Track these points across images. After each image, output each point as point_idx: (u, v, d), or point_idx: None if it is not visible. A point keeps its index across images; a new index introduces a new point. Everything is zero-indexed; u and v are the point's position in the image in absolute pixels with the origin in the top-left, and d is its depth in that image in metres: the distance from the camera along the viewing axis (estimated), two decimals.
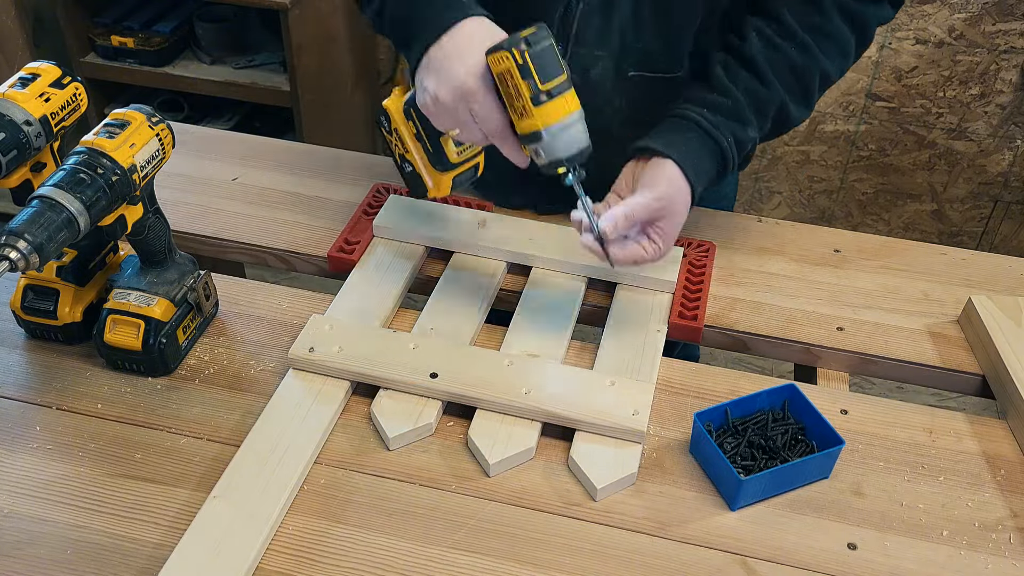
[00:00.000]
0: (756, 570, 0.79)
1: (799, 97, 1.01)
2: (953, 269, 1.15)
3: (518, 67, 0.80)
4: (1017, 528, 0.84)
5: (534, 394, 0.89)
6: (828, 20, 0.99)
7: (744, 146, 0.99)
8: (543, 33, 0.81)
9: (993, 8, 2.11)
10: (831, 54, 1.00)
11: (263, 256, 1.14)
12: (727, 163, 0.98)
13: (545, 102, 0.81)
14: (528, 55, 0.80)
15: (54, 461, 0.85)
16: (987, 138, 2.30)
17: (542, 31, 0.81)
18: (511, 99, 0.83)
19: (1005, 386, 0.95)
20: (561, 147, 0.84)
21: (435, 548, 0.79)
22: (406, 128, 0.93)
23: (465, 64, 0.83)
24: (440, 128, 0.89)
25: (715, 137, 0.96)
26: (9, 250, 0.76)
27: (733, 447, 0.87)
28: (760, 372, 0.98)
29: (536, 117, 0.82)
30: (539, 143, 0.84)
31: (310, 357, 0.92)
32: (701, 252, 1.12)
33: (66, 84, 0.91)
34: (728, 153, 0.97)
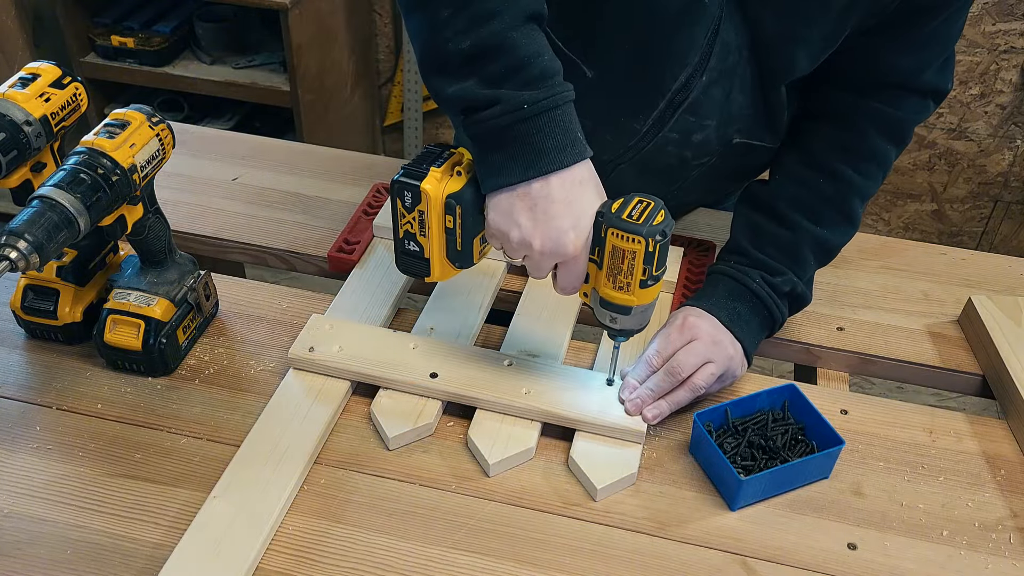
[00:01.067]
0: (756, 570, 0.79)
1: (837, 225, 0.98)
2: (953, 269, 1.15)
3: (646, 255, 0.77)
4: (1017, 528, 0.84)
5: (534, 394, 0.89)
6: (864, 140, 0.97)
7: (779, 288, 0.95)
8: (671, 221, 0.78)
9: (993, 8, 2.11)
10: (869, 173, 0.97)
11: (263, 256, 1.14)
12: (766, 305, 0.95)
13: (650, 286, 0.80)
14: (660, 246, 0.77)
15: (54, 461, 0.85)
16: (987, 138, 2.30)
17: (668, 217, 0.78)
18: (615, 272, 0.80)
19: (1005, 386, 0.95)
20: (638, 323, 0.84)
21: (435, 548, 0.79)
22: (438, 218, 0.83)
23: (574, 223, 0.78)
24: (494, 246, 0.84)
25: (743, 281, 0.95)
26: (9, 250, 0.75)
27: (733, 447, 0.87)
28: (760, 372, 0.97)
29: (635, 296, 0.80)
30: (623, 315, 0.82)
31: (310, 357, 0.92)
32: (701, 252, 1.12)
33: (66, 84, 0.91)
34: (763, 294, 0.95)
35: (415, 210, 0.83)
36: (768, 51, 0.92)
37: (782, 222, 0.97)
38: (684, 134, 0.99)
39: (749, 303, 0.95)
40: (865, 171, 0.97)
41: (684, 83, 0.93)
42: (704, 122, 0.98)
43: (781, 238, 0.97)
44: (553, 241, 0.78)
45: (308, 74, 2.26)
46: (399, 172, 0.82)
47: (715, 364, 0.89)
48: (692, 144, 1.00)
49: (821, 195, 0.97)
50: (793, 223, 0.97)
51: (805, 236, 0.97)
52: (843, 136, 0.97)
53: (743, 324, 0.94)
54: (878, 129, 0.96)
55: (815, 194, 0.97)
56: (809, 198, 0.97)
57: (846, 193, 0.97)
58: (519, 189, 0.78)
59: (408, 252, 0.86)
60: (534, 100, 0.76)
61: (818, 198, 0.97)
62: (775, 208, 0.98)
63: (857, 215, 0.99)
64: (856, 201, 0.98)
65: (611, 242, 0.78)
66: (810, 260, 0.98)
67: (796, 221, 0.96)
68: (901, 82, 0.95)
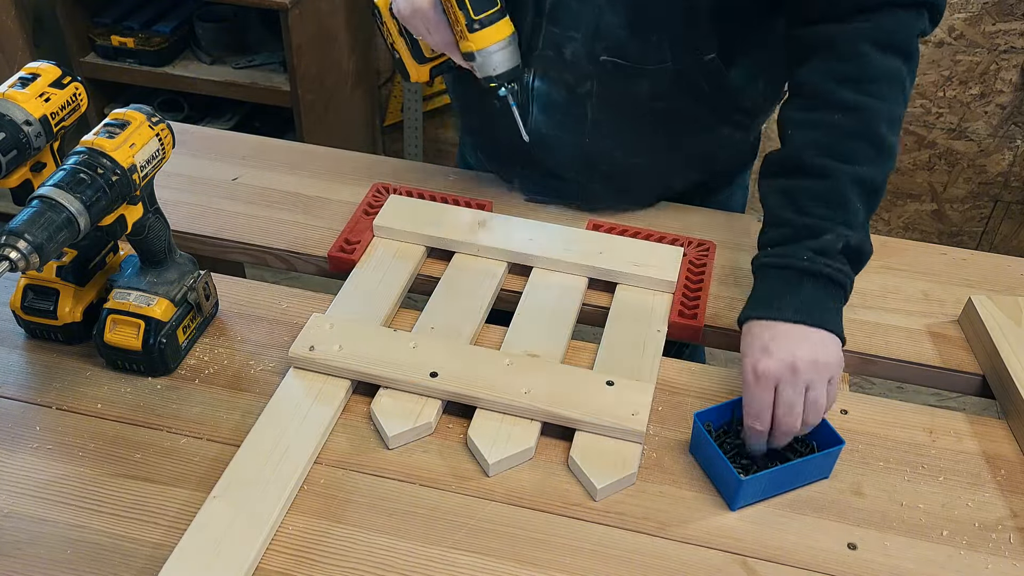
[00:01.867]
0: (756, 570, 0.79)
1: (872, 157, 0.91)
2: (953, 269, 1.15)
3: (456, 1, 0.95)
4: (1017, 528, 0.84)
5: (534, 394, 0.89)
6: (867, 62, 0.91)
7: (831, 250, 0.88)
8: None
9: (993, 8, 2.11)
10: (886, 95, 0.91)
11: (263, 256, 1.14)
12: (828, 277, 0.88)
13: (478, 30, 0.97)
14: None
15: (54, 461, 0.85)
16: (987, 138, 2.30)
17: None
18: (452, 23, 0.98)
19: (1005, 386, 0.95)
20: (491, 67, 1.00)
21: (435, 548, 0.79)
22: (392, 24, 1.07)
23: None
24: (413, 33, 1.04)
25: (791, 266, 0.88)
26: (9, 250, 0.76)
27: (733, 447, 0.87)
28: None
29: (470, 41, 0.98)
30: (475, 62, 1.00)
31: (310, 356, 0.92)
32: (701, 251, 1.12)
33: (66, 84, 0.91)
34: (818, 268, 0.87)
35: (382, 22, 1.08)
36: None
37: (812, 172, 0.90)
38: (555, 49, 1.04)
39: (810, 284, 0.87)
40: (879, 93, 0.91)
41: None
42: (568, 33, 1.02)
43: (817, 190, 0.90)
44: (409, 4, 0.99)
45: (308, 74, 2.26)
46: None
47: (814, 386, 0.84)
48: (565, 62, 1.04)
49: (842, 131, 0.91)
50: (824, 169, 0.90)
51: (842, 178, 0.89)
52: (840, 67, 0.92)
53: (812, 308, 0.86)
54: (876, 46, 0.91)
55: (835, 132, 0.91)
56: (830, 139, 0.91)
57: (868, 121, 0.91)
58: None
59: (396, 61, 1.11)
60: None
61: (840, 135, 0.91)
62: (801, 161, 0.91)
63: (888, 141, 0.91)
64: (882, 126, 0.91)
65: None
66: (855, 203, 0.89)
67: (825, 165, 0.90)
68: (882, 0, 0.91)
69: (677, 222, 1.19)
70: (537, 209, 1.19)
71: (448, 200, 1.17)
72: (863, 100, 0.91)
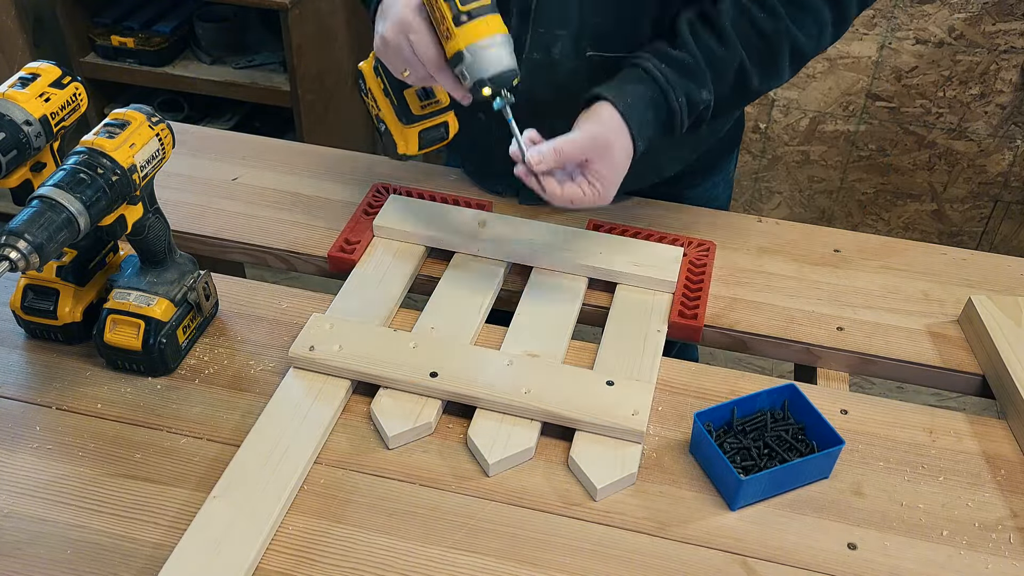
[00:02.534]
0: (756, 570, 0.79)
1: (764, 62, 0.99)
2: (953, 269, 1.15)
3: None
4: (1017, 528, 0.84)
5: (534, 394, 0.89)
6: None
7: (696, 107, 0.98)
8: None
9: (993, 8, 2.11)
10: (803, 24, 0.98)
11: (263, 256, 1.14)
12: (673, 120, 0.98)
13: (466, 22, 0.84)
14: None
15: (54, 461, 0.85)
16: (987, 138, 2.30)
17: None
18: (438, 24, 0.86)
19: (1005, 386, 0.95)
20: (482, 67, 0.86)
21: (435, 548, 0.79)
22: (376, 85, 0.98)
23: (405, 3, 0.88)
24: (394, 72, 0.93)
25: (665, 91, 0.96)
26: (9, 250, 0.76)
27: (733, 447, 0.87)
28: (760, 372, 0.97)
29: (458, 37, 0.85)
30: (462, 64, 0.86)
31: (310, 356, 0.92)
32: (701, 252, 1.12)
33: (66, 84, 0.91)
34: (676, 111, 0.97)
35: (367, 90, 0.99)
36: None
37: (722, 39, 0.97)
38: (544, 50, 1.03)
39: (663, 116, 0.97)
40: (802, 23, 0.98)
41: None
42: (556, 31, 1.01)
43: (717, 54, 0.97)
44: (392, 19, 0.89)
45: (308, 74, 2.26)
46: None
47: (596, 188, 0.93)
48: (555, 62, 1.03)
49: (759, 30, 0.97)
50: (731, 44, 0.97)
51: (735, 61, 0.98)
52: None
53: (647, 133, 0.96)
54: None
55: (754, 26, 0.97)
56: (748, 27, 0.97)
57: (782, 37, 0.98)
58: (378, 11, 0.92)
59: (382, 134, 1.01)
60: None
61: (757, 32, 0.97)
62: (720, 24, 0.97)
63: (784, 67, 1.00)
64: (787, 49, 0.98)
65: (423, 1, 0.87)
66: (728, 88, 0.99)
67: (734, 44, 0.97)
68: None
69: (677, 222, 1.19)
70: (537, 209, 1.19)
71: (448, 200, 1.17)
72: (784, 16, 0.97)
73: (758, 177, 2.50)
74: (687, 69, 0.97)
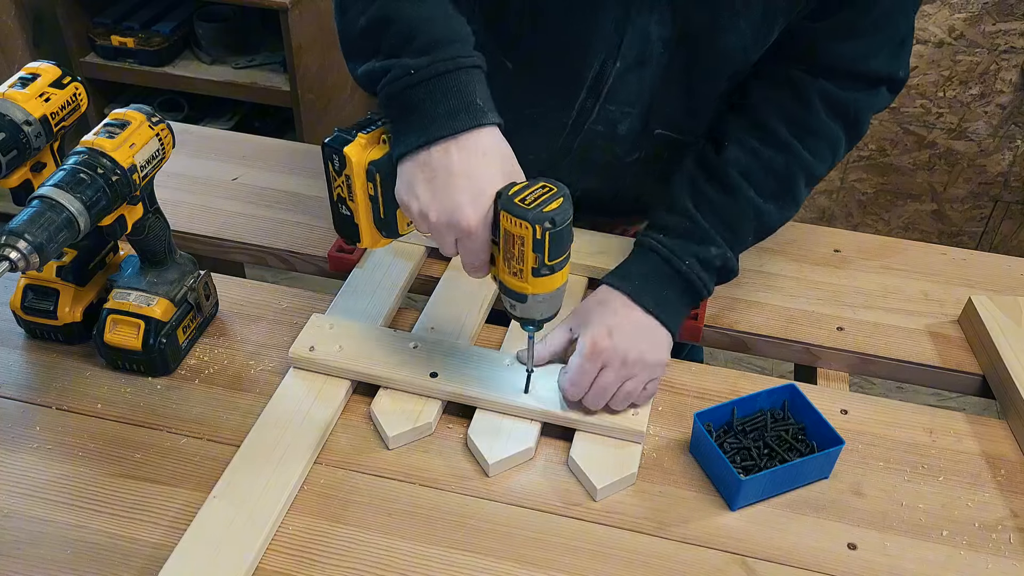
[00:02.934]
0: (756, 570, 0.79)
1: (781, 199, 0.95)
2: (953, 269, 1.15)
3: (534, 242, 0.74)
4: (1017, 528, 0.84)
5: (534, 394, 0.89)
6: (814, 116, 0.94)
7: (711, 265, 0.93)
8: (569, 211, 0.75)
9: (993, 8, 2.11)
10: (817, 152, 0.95)
11: (263, 256, 1.14)
12: (693, 285, 0.92)
13: (545, 275, 0.77)
14: (549, 235, 0.74)
15: (54, 461, 0.85)
16: (987, 138, 2.30)
17: (566, 205, 0.75)
18: (510, 256, 0.77)
19: (1005, 386, 0.95)
20: (539, 312, 0.81)
21: (435, 548, 0.79)
22: (361, 184, 0.83)
23: (472, 198, 0.75)
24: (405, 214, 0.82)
25: (672, 262, 0.92)
26: (9, 250, 0.75)
27: (733, 447, 0.87)
28: (760, 372, 0.97)
29: (529, 284, 0.78)
30: (521, 303, 0.80)
31: (310, 356, 0.92)
32: None
33: (66, 84, 0.91)
34: (691, 276, 0.91)
35: (343, 174, 0.83)
36: (696, 41, 0.92)
37: (727, 190, 0.94)
38: (609, 125, 0.99)
39: (678, 287, 0.92)
40: (814, 150, 0.95)
41: (599, 71, 0.94)
42: (625, 110, 0.98)
43: (723, 206, 0.93)
44: (448, 214, 0.76)
45: (308, 74, 2.26)
46: (331, 135, 0.82)
47: (633, 380, 0.87)
48: (619, 137, 1.01)
49: (770, 167, 0.94)
50: (739, 192, 0.93)
51: (748, 208, 0.94)
52: (795, 110, 0.95)
53: (670, 308, 0.91)
54: (829, 108, 0.94)
55: (764, 165, 0.94)
56: (758, 169, 0.94)
57: (795, 169, 0.95)
58: (420, 157, 0.77)
59: (342, 216, 0.86)
60: (420, 66, 0.76)
61: (767, 170, 0.94)
62: (725, 175, 0.94)
63: (801, 195, 0.97)
64: (802, 179, 0.96)
65: (503, 225, 0.76)
66: (748, 232, 0.95)
67: (743, 191, 0.93)
68: (847, 69, 0.94)
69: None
70: None
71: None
72: (796, 147, 0.94)
73: None
74: (691, 233, 0.93)
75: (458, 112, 0.76)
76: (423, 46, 0.78)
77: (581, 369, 0.87)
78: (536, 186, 0.76)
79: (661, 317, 0.90)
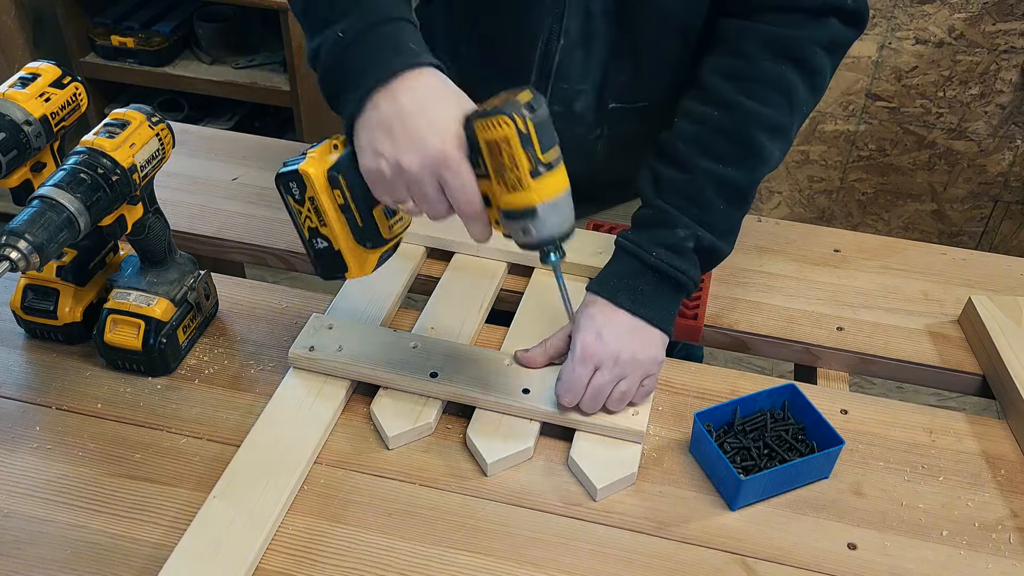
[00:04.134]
0: (756, 570, 0.79)
1: (742, 160, 0.90)
2: (953, 269, 1.15)
3: (520, 136, 0.70)
4: (1017, 528, 0.84)
5: (534, 394, 0.89)
6: (754, 64, 0.90)
7: (681, 248, 0.89)
8: (541, 98, 0.72)
9: (993, 8, 2.11)
10: (768, 100, 0.90)
11: (263, 256, 1.14)
12: (667, 275, 0.89)
13: (543, 174, 0.72)
14: (531, 123, 0.70)
15: (54, 461, 0.85)
16: (987, 138, 2.30)
17: (539, 96, 0.72)
18: (501, 171, 0.72)
19: (1005, 386, 0.95)
20: (555, 224, 0.74)
21: (435, 548, 0.79)
22: (328, 198, 0.78)
23: (436, 127, 0.72)
24: (384, 200, 0.78)
25: (640, 256, 0.89)
26: (10, 250, 0.76)
27: (733, 447, 0.87)
28: (760, 372, 0.97)
29: (533, 191, 0.72)
30: (532, 220, 0.73)
31: (310, 356, 0.92)
32: None
33: (66, 84, 0.91)
34: (662, 266, 0.89)
35: (306, 200, 0.79)
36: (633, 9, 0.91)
37: (681, 165, 0.90)
38: (564, 104, 0.99)
39: (652, 280, 0.89)
40: (762, 97, 0.90)
41: (544, 50, 0.94)
42: (578, 87, 0.98)
43: (680, 183, 0.90)
44: (419, 154, 0.72)
45: (308, 74, 2.26)
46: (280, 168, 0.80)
47: (627, 379, 0.87)
48: (576, 115, 1.00)
49: (717, 129, 0.90)
50: (691, 164, 0.90)
51: (706, 177, 0.90)
52: (731, 62, 0.91)
53: (649, 303, 0.89)
54: (769, 51, 0.90)
55: (710, 129, 0.90)
56: (705, 134, 0.90)
57: (743, 123, 0.90)
58: (369, 116, 0.74)
59: (320, 253, 0.81)
60: (347, 28, 0.76)
61: (714, 133, 0.90)
62: (675, 151, 0.91)
63: (762, 146, 0.90)
64: (756, 131, 0.90)
65: (482, 138, 0.72)
66: (716, 203, 0.90)
67: (694, 162, 0.90)
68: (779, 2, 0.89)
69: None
70: None
71: None
72: (744, 102, 0.90)
73: None
74: (655, 221, 0.90)
75: (391, 57, 0.74)
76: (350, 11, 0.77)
77: (574, 373, 0.86)
78: (497, 96, 0.73)
79: (643, 315, 0.88)
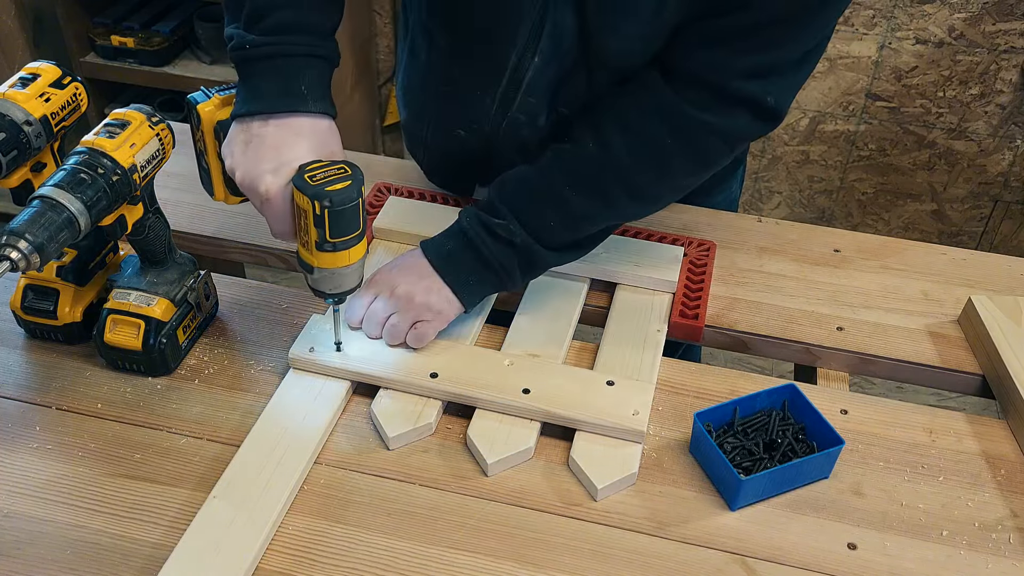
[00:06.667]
0: (756, 570, 0.79)
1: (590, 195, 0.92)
2: (953, 269, 1.15)
3: (313, 216, 0.79)
4: (1017, 528, 0.84)
5: (534, 394, 0.89)
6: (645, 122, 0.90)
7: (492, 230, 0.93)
8: (352, 193, 0.79)
9: (993, 8, 2.11)
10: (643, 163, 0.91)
11: (263, 256, 1.14)
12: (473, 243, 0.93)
13: (328, 251, 0.82)
14: (327, 213, 0.79)
15: (54, 461, 0.85)
16: (987, 138, 2.30)
17: (351, 189, 0.79)
18: (299, 227, 0.83)
19: (1005, 386, 0.95)
20: (328, 286, 0.86)
21: (435, 548, 0.79)
22: (212, 140, 0.89)
23: (274, 168, 0.82)
24: None
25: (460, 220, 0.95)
26: (10, 250, 0.76)
27: (733, 447, 0.87)
28: (760, 372, 0.97)
29: (315, 256, 0.83)
30: (310, 274, 0.85)
31: (310, 357, 0.92)
32: (702, 252, 1.12)
33: (66, 84, 0.91)
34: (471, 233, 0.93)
35: (198, 130, 0.89)
36: (589, 39, 0.91)
37: (539, 167, 0.94)
38: (530, 116, 0.99)
39: (460, 242, 0.94)
40: (638, 155, 0.90)
41: (517, 63, 0.95)
42: (544, 101, 0.98)
43: (528, 179, 0.94)
44: (252, 179, 0.83)
45: None
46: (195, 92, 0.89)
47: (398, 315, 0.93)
48: (540, 127, 1.00)
49: (583, 158, 0.92)
50: (546, 171, 0.94)
51: (550, 190, 0.93)
52: (628, 112, 0.91)
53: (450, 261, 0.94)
54: (665, 121, 0.89)
55: (579, 154, 0.92)
56: (573, 157, 0.93)
57: (606, 167, 0.91)
58: (245, 123, 0.85)
59: (202, 168, 0.93)
60: (256, 44, 0.84)
61: (580, 159, 0.92)
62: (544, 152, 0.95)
63: (612, 196, 0.92)
64: (611, 179, 0.92)
65: (294, 197, 0.82)
66: (548, 216, 0.93)
67: (550, 171, 0.93)
68: (699, 77, 0.87)
69: (677, 222, 1.19)
70: None
71: (448, 201, 1.17)
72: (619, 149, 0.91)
73: (758, 177, 2.50)
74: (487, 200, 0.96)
75: (281, 94, 0.84)
76: (268, 27, 0.84)
77: (357, 295, 0.94)
78: (333, 167, 0.81)
79: (439, 267, 0.94)
